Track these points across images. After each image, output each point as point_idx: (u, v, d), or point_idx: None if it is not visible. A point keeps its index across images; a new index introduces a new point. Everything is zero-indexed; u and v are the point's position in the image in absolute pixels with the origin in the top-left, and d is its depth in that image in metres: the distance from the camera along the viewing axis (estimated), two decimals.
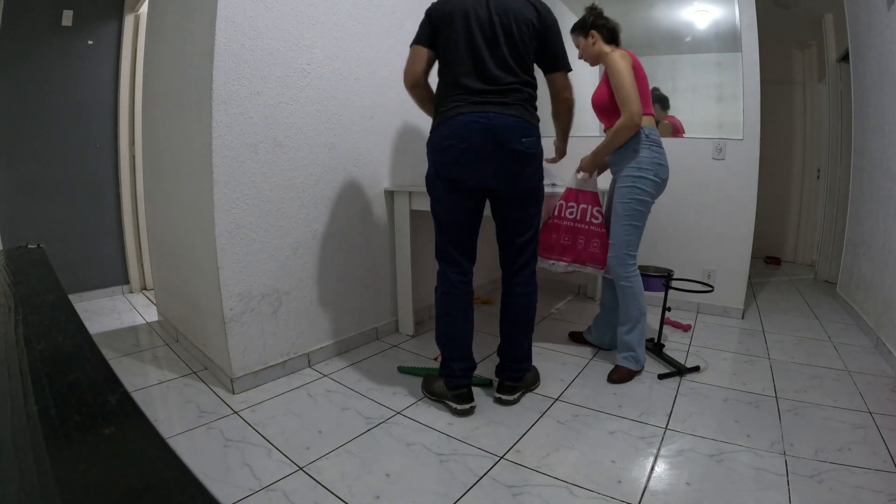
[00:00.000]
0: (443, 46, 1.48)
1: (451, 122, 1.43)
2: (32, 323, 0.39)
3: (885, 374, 1.89)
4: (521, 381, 1.67)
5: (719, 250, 2.66)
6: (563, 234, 1.92)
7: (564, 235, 1.92)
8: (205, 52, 1.56)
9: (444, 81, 1.50)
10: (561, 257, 1.93)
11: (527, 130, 1.45)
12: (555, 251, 1.93)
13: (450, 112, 1.44)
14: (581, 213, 1.92)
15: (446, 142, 1.44)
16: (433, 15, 1.50)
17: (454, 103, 1.44)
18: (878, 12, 2.31)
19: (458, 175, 1.47)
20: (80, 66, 2.71)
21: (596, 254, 1.90)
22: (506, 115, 1.42)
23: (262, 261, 1.73)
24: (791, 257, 4.50)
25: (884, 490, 1.16)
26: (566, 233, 1.93)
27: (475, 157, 1.43)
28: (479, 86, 1.43)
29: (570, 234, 1.92)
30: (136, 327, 2.41)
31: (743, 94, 2.51)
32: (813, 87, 4.20)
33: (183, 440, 1.38)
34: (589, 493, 1.17)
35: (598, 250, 1.90)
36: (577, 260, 1.92)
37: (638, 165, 1.74)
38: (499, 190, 1.52)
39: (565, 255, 1.93)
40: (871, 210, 2.52)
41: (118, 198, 2.96)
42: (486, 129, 1.41)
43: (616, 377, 1.81)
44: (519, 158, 1.45)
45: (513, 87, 1.45)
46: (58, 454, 0.22)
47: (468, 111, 1.42)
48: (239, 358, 1.68)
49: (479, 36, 1.43)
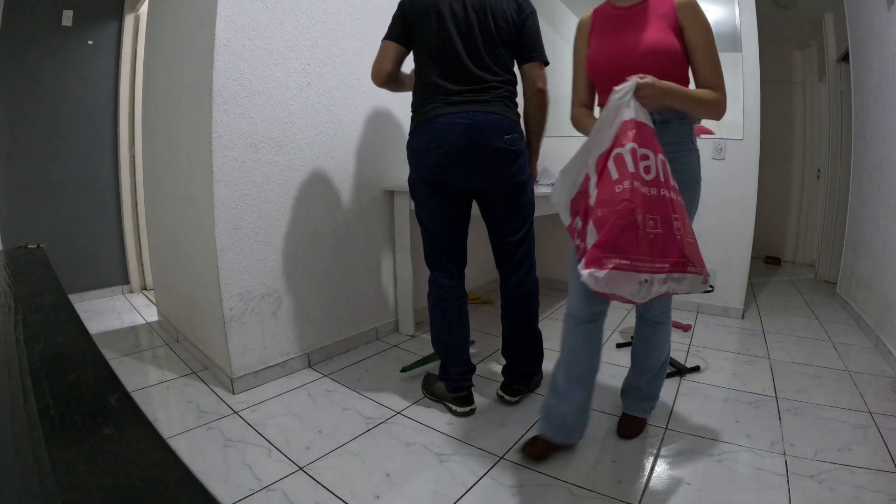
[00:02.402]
0: (417, 43, 1.44)
1: (429, 124, 1.40)
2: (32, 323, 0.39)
3: (885, 374, 1.89)
4: (527, 386, 1.66)
5: (719, 250, 2.66)
6: (645, 214, 0.98)
7: (648, 216, 0.98)
8: (205, 52, 1.56)
9: (420, 81, 1.46)
10: (654, 262, 0.98)
11: (508, 127, 1.41)
12: (638, 251, 0.97)
13: (428, 114, 1.40)
14: (662, 169, 1.02)
15: (426, 145, 1.41)
16: (406, 8, 1.44)
17: (432, 104, 1.40)
18: (878, 12, 2.31)
19: (442, 178, 1.43)
20: (80, 66, 2.71)
21: (694, 247, 1.05)
22: (486, 112, 1.38)
23: (262, 261, 1.73)
24: (791, 257, 4.50)
25: (884, 490, 1.16)
26: (650, 209, 0.98)
27: (457, 158, 1.39)
28: (456, 86, 1.39)
29: (656, 212, 0.99)
30: (136, 327, 2.41)
31: (743, 94, 2.51)
32: (813, 87, 4.20)
33: (183, 440, 1.38)
34: (589, 493, 1.17)
35: (694, 240, 1.07)
36: (680, 263, 0.99)
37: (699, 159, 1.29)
38: (485, 190, 1.48)
39: (663, 257, 0.98)
40: (871, 210, 2.52)
41: (118, 198, 2.96)
42: (467, 129, 1.37)
43: (633, 431, 1.42)
44: (502, 156, 1.41)
45: (491, 84, 1.41)
46: (58, 454, 0.22)
47: (447, 112, 1.38)
48: (239, 358, 1.68)
49: (454, 33, 1.38)
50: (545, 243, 3.14)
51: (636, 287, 0.97)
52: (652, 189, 1.00)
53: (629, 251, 0.96)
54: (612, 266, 0.96)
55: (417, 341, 2.22)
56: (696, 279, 1.04)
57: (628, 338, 2.24)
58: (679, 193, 1.06)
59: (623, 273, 0.96)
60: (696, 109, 1.19)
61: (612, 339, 2.27)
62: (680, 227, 1.02)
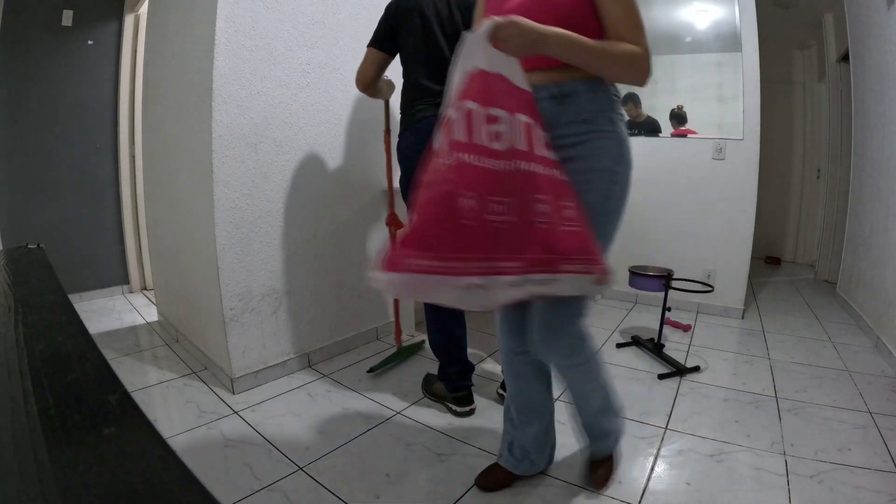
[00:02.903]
0: (403, 45, 1.44)
1: (417, 125, 1.40)
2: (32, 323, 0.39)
3: (885, 374, 1.89)
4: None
5: (719, 250, 2.66)
6: (483, 196, 0.73)
7: (490, 199, 0.73)
8: (205, 52, 1.56)
9: (407, 82, 1.46)
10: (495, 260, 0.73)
11: None
12: (460, 247, 0.71)
13: (416, 115, 1.41)
14: (525, 135, 0.79)
15: (414, 146, 1.41)
16: (391, 11, 1.44)
17: (420, 105, 1.41)
18: (878, 12, 2.31)
19: None
20: (80, 66, 2.71)
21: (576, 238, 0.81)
22: None
23: (261, 261, 1.73)
24: (791, 257, 4.50)
25: (884, 490, 1.16)
26: (495, 190, 0.74)
27: None
28: (442, 86, 1.38)
29: (508, 193, 0.75)
30: (136, 327, 2.41)
31: (743, 94, 2.51)
32: (813, 87, 4.20)
33: (183, 440, 1.38)
34: (589, 493, 1.17)
35: (578, 227, 0.82)
36: (543, 261, 0.76)
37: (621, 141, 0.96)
38: None
39: (513, 253, 0.75)
40: (871, 210, 2.52)
41: (118, 198, 2.96)
42: None
43: (605, 475, 1.19)
44: None
45: None
46: (58, 454, 0.22)
47: (434, 113, 1.38)
48: (239, 358, 1.68)
49: (439, 34, 1.38)
50: None
51: (460, 294, 0.71)
52: (502, 162, 0.73)
53: (443, 248, 0.69)
54: (413, 268, 0.68)
55: (418, 341, 2.22)
56: (580, 279, 0.79)
57: (628, 338, 2.24)
58: (560, 168, 0.82)
59: (431, 277, 0.69)
60: (602, 66, 0.88)
61: (612, 339, 2.27)
62: (549, 211, 0.76)
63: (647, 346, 2.08)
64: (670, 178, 2.73)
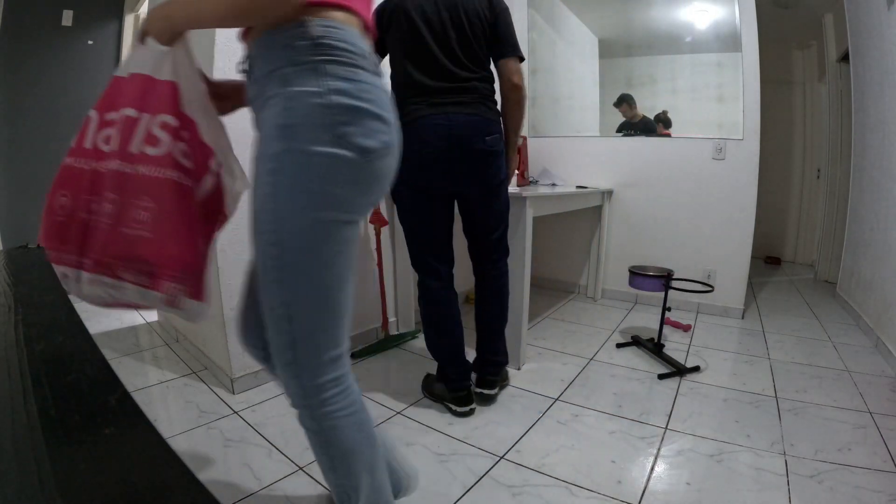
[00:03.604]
0: (391, 47, 1.44)
1: (410, 126, 1.39)
2: (32, 323, 0.39)
3: (885, 374, 1.89)
4: (499, 375, 1.67)
5: (719, 250, 2.66)
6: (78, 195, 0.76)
7: (86, 198, 0.75)
8: (205, 52, 1.56)
9: (398, 81, 1.45)
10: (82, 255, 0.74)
11: (488, 128, 1.42)
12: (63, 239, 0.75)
13: (410, 115, 1.40)
14: (120, 133, 0.74)
15: (408, 147, 1.40)
16: (379, 14, 1.43)
17: (413, 105, 1.40)
18: (878, 12, 2.31)
19: (426, 180, 1.44)
20: (80, 66, 2.71)
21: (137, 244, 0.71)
22: (465, 114, 1.39)
23: None
24: (791, 257, 4.50)
25: (884, 490, 1.16)
26: (94, 189, 0.75)
27: (441, 160, 1.40)
28: (432, 84, 1.39)
29: (97, 191, 0.75)
30: (136, 327, 2.41)
31: (743, 94, 2.51)
32: (813, 87, 4.21)
33: (183, 440, 1.38)
34: (589, 493, 1.17)
35: (148, 233, 0.72)
36: (102, 263, 0.72)
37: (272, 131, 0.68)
38: (466, 191, 1.49)
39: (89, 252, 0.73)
40: (871, 210, 2.52)
41: None
42: (448, 131, 1.38)
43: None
44: (483, 158, 1.43)
45: (469, 83, 1.41)
46: (58, 454, 0.22)
47: (427, 113, 1.38)
48: (239, 358, 1.68)
49: (426, 34, 1.38)
50: (545, 243, 3.14)
51: (64, 281, 0.74)
52: (110, 163, 0.74)
53: (51, 239, 0.76)
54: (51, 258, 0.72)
55: (418, 341, 2.22)
56: (148, 295, 0.73)
57: (628, 337, 2.24)
58: (139, 163, 0.72)
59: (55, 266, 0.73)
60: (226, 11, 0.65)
61: (612, 339, 2.27)
62: (115, 212, 0.71)
63: (647, 346, 2.08)
64: (670, 178, 2.73)
